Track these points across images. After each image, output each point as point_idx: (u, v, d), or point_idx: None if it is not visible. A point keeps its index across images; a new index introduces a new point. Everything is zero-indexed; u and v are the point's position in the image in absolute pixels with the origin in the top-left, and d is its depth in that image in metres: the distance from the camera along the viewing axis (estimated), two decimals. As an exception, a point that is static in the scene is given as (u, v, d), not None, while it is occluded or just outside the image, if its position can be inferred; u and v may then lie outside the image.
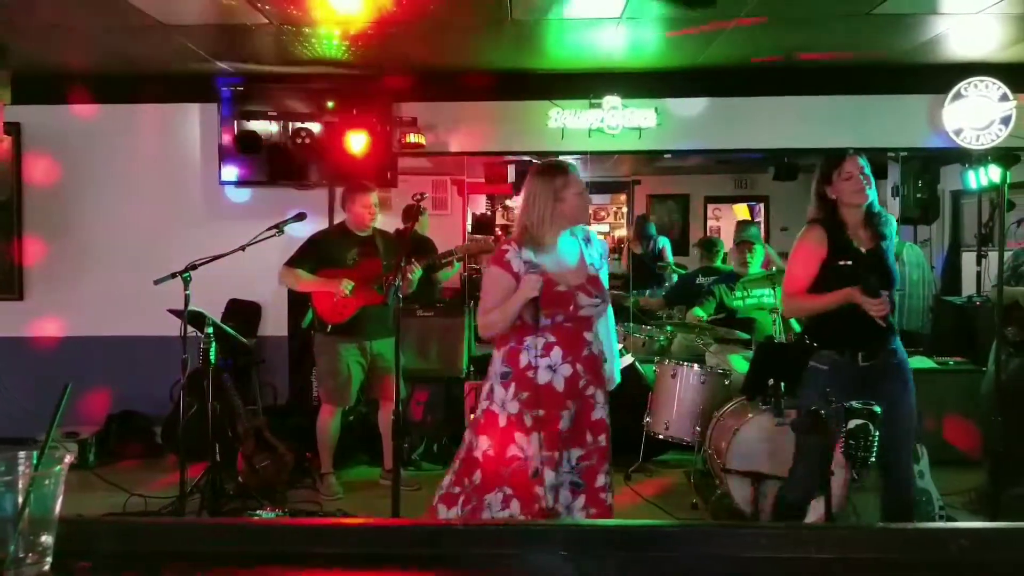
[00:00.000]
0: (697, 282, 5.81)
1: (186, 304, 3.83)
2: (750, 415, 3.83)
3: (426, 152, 5.61)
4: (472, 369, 5.34)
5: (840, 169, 2.96)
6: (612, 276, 3.20)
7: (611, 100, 5.51)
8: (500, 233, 10.37)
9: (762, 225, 9.70)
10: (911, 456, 3.11)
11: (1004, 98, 5.27)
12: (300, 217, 4.16)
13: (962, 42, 4.86)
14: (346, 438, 5.04)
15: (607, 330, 3.01)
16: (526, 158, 6.08)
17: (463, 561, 0.99)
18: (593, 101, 5.54)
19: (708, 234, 9.36)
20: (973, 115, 5.30)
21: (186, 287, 3.81)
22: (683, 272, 7.12)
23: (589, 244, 2.92)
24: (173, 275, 3.82)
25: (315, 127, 5.23)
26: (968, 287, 6.28)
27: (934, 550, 1.07)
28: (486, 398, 2.84)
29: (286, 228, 4.11)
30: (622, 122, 5.53)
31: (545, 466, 2.71)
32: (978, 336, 5.10)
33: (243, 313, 5.42)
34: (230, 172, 5.36)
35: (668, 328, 5.40)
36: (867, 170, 2.96)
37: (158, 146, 5.68)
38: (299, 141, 5.20)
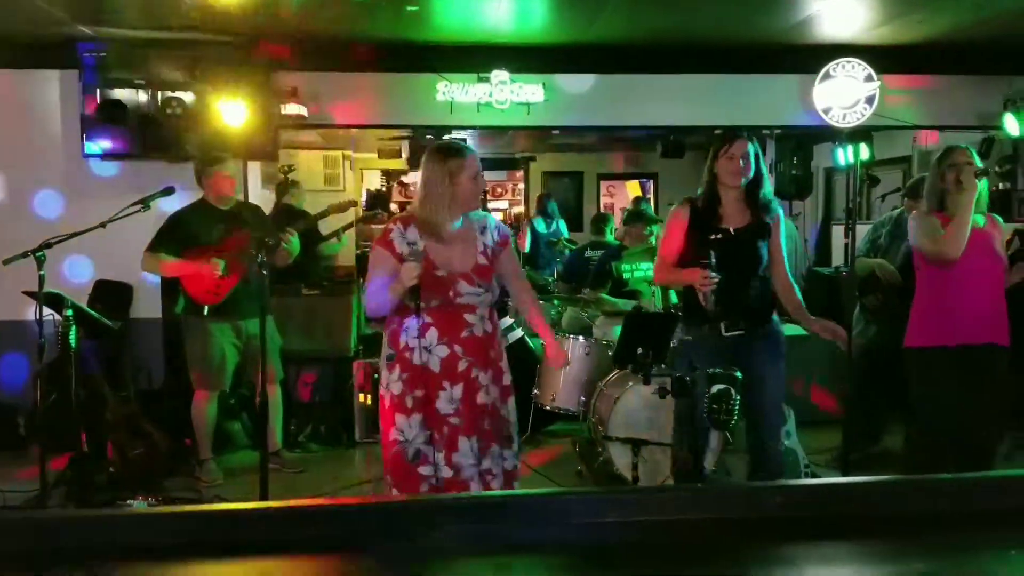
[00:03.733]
0: (586, 255, 5.89)
1: (41, 285, 3.56)
2: (630, 384, 3.93)
3: (308, 124, 5.43)
4: (361, 348, 5.24)
5: (727, 148, 3.02)
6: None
7: (499, 74, 5.48)
8: (394, 210, 10.22)
9: (652, 201, 10.02)
10: (778, 418, 3.27)
11: (869, 78, 5.55)
12: (168, 191, 3.93)
13: (832, 23, 5.08)
14: (228, 421, 4.87)
15: (537, 312, 3.07)
16: (424, 134, 5.95)
17: (295, 545, 0.97)
18: (481, 75, 5.49)
19: (602, 210, 9.55)
20: (840, 94, 5.56)
21: (40, 267, 3.54)
22: (574, 247, 7.22)
23: (484, 232, 2.83)
24: (24, 254, 3.54)
25: (187, 96, 4.96)
26: (838, 258, 6.64)
27: (755, 507, 1.14)
28: (381, 381, 2.86)
29: (153, 203, 3.87)
30: (510, 97, 5.50)
31: (431, 445, 2.71)
32: (843, 305, 5.40)
33: (113, 294, 5.11)
34: (94, 144, 5.02)
35: (556, 302, 5.46)
36: (751, 156, 3.02)
37: (13, 116, 5.25)
38: (170, 111, 4.92)
